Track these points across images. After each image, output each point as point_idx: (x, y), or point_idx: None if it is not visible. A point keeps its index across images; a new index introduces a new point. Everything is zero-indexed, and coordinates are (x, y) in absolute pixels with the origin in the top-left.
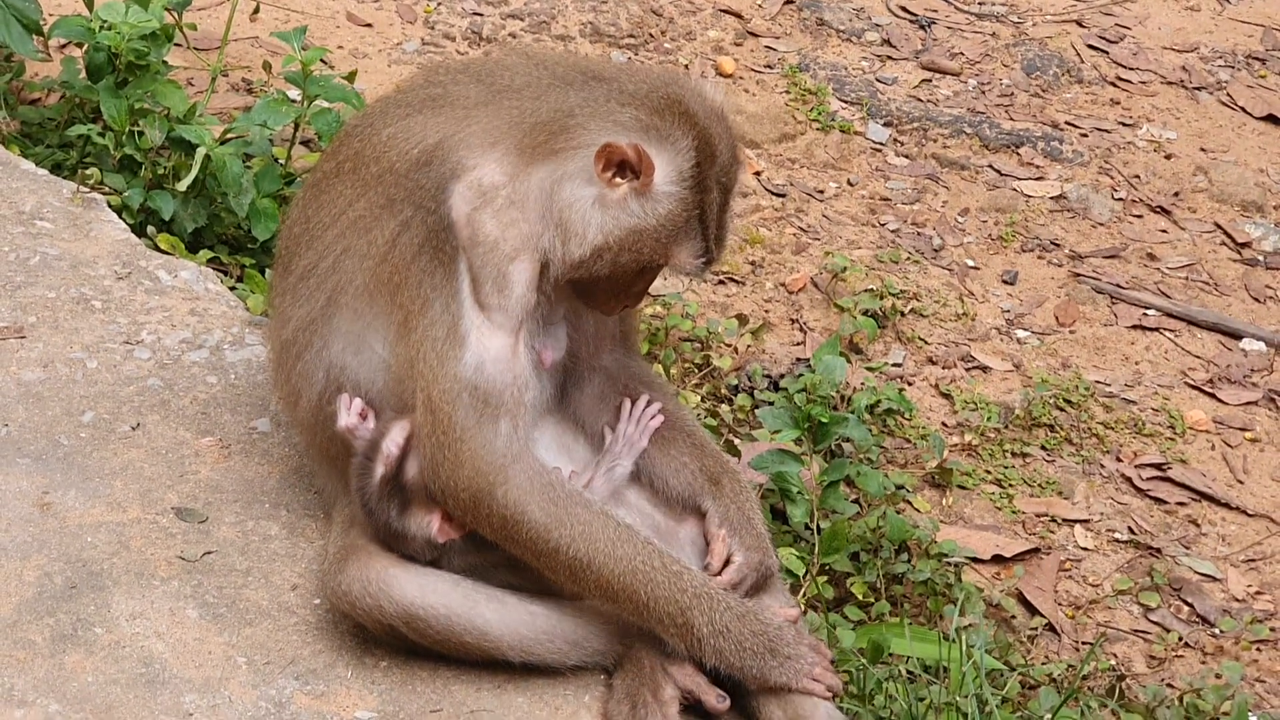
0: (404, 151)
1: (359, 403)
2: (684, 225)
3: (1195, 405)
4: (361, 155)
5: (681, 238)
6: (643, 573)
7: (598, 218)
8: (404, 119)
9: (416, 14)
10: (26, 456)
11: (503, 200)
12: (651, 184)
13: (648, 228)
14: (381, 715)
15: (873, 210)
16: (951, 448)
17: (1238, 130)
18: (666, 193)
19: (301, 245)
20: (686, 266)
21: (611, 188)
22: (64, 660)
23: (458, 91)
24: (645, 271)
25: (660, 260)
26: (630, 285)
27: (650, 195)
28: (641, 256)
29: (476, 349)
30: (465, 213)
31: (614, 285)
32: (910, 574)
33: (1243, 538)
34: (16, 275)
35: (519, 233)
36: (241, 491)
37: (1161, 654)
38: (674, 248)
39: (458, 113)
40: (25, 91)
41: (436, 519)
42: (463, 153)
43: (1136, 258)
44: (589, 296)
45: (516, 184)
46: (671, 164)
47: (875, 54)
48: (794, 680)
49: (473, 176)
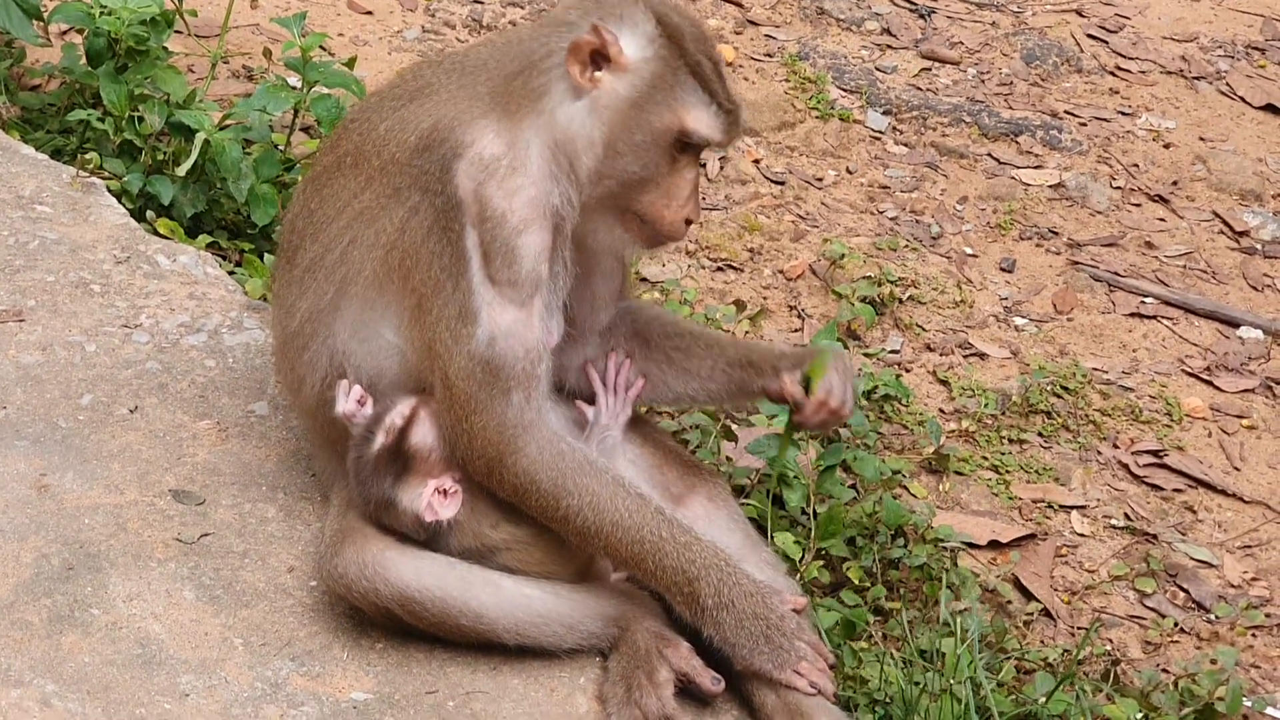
0: (403, 141)
1: (358, 389)
2: (677, 82)
3: (1192, 393)
4: (362, 149)
5: (682, 95)
6: (650, 542)
7: (596, 119)
8: (396, 111)
9: (416, 1)
10: (25, 439)
11: (505, 169)
12: (624, 55)
13: (643, 96)
14: (377, 696)
15: (871, 198)
16: (949, 434)
17: (1236, 120)
18: (643, 57)
19: (305, 238)
20: (708, 126)
21: (595, 85)
22: (61, 641)
23: (439, 80)
24: (675, 155)
25: (676, 126)
26: (673, 181)
27: (629, 67)
28: (656, 130)
29: (488, 324)
30: (471, 189)
31: (658, 187)
32: (906, 559)
33: (1239, 524)
34: (16, 259)
35: (525, 199)
36: (239, 474)
37: (1157, 639)
38: (682, 110)
39: (444, 96)
40: (25, 77)
41: (428, 494)
42: (458, 130)
43: (1135, 246)
44: (643, 215)
45: (516, 149)
46: (634, 32)
47: (875, 42)
48: (776, 670)
49: (473, 152)
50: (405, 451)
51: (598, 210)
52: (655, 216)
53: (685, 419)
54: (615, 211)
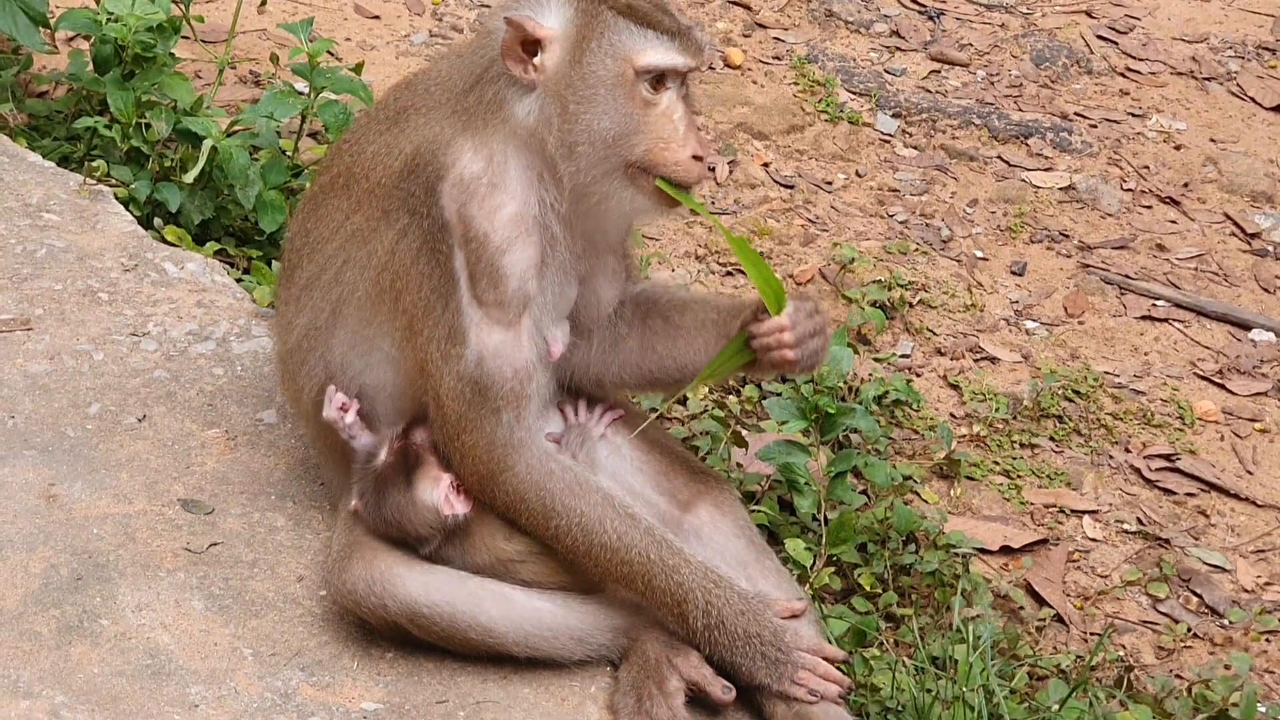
0: (388, 166)
1: (340, 396)
2: (608, 27)
3: (1204, 396)
4: (352, 172)
5: (620, 38)
6: (639, 563)
7: (552, 99)
8: (381, 135)
9: (424, 6)
10: (33, 448)
11: (485, 187)
12: (545, 29)
13: (581, 55)
14: (387, 707)
15: (881, 201)
16: (959, 438)
17: (1247, 121)
18: (567, 20)
19: (303, 257)
20: (660, 55)
21: (540, 73)
22: (70, 652)
23: (413, 103)
24: (648, 97)
25: (628, 69)
26: (657, 122)
27: (558, 37)
28: (608, 80)
29: (476, 345)
30: (455, 210)
31: (645, 132)
32: (918, 565)
33: (1252, 529)
34: (23, 267)
35: (506, 217)
36: (247, 483)
37: (1170, 645)
38: (625, 51)
39: (419, 120)
40: (32, 84)
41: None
42: (439, 153)
43: (1145, 248)
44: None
45: (494, 165)
46: (550, 4)
47: (884, 45)
48: (775, 683)
49: (454, 173)
50: (413, 450)
51: (597, 182)
52: (657, 162)
53: (695, 425)
54: (617, 176)
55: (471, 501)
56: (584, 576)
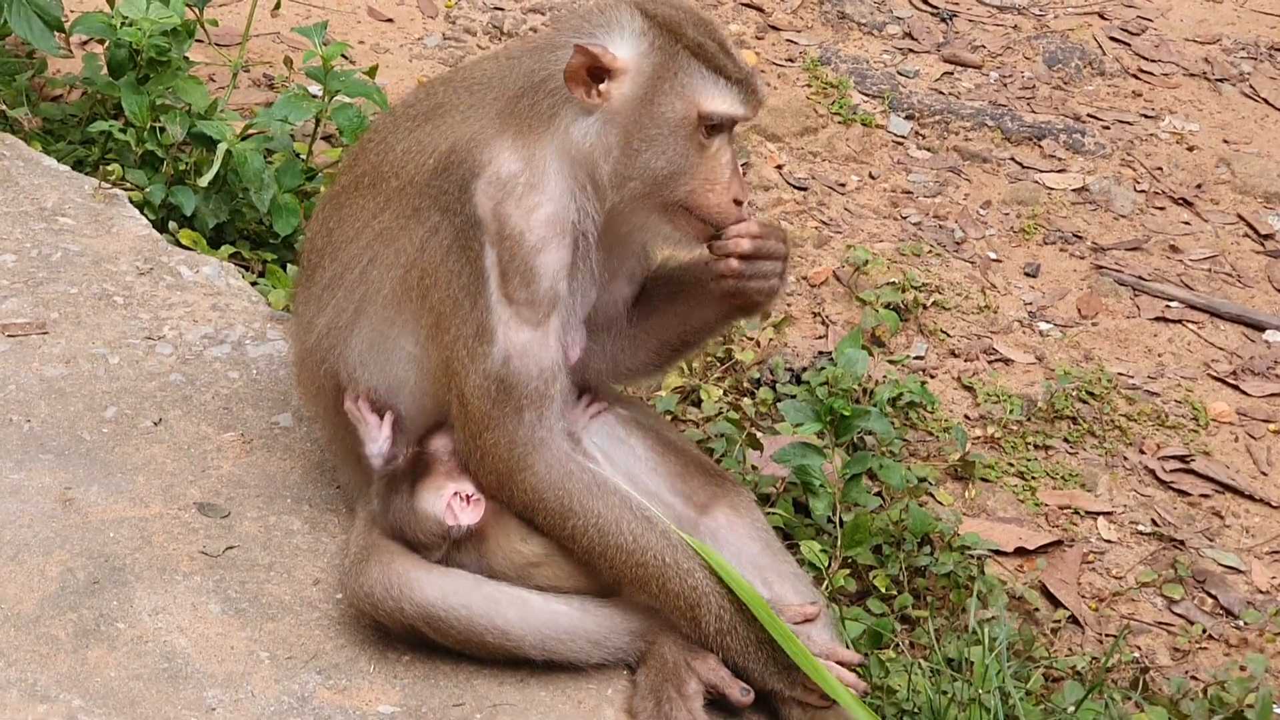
0: (421, 163)
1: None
2: (681, 68)
3: (1218, 397)
4: (379, 170)
5: (690, 79)
6: (654, 566)
7: (611, 128)
8: (412, 132)
9: (438, 8)
10: (49, 452)
11: (523, 186)
12: (618, 60)
13: (650, 92)
14: (404, 710)
15: (894, 203)
16: (974, 440)
17: (1260, 122)
18: (639, 54)
19: (325, 257)
20: (726, 103)
21: (603, 99)
22: (87, 656)
23: (450, 100)
24: (703, 140)
25: (693, 112)
26: (708, 166)
27: (628, 69)
28: (673, 121)
29: (503, 343)
30: (490, 207)
31: (695, 175)
32: (933, 567)
33: (1266, 530)
34: (39, 271)
35: (543, 217)
36: (263, 486)
37: (1185, 646)
38: (693, 94)
39: (457, 117)
40: (47, 88)
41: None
42: (475, 150)
43: (1159, 250)
44: (688, 206)
45: (533, 166)
46: (623, 33)
47: (897, 47)
48: (788, 688)
49: (491, 170)
50: (424, 456)
51: (635, 212)
52: (700, 204)
53: (710, 427)
54: (656, 210)
55: (479, 511)
56: (600, 579)
